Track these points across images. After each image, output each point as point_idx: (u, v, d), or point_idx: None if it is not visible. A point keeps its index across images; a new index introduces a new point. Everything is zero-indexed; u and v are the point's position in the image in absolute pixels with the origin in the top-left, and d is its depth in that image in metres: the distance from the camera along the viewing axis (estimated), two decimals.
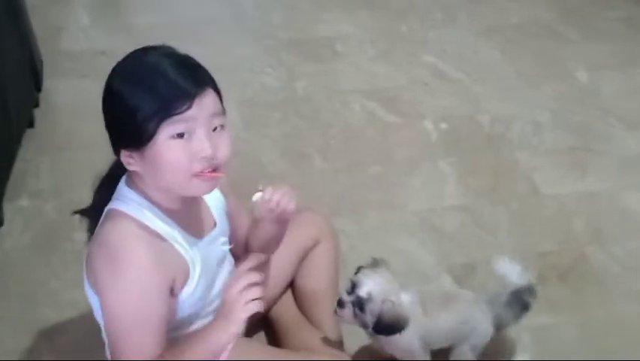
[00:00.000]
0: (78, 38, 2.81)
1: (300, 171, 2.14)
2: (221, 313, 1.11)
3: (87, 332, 1.57)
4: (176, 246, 1.14)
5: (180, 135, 1.04)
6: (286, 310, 1.59)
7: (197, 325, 1.24)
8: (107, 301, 1.10)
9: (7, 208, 1.91)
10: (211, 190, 1.14)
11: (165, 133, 1.03)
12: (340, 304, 1.36)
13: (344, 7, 3.13)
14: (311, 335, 1.51)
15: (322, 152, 2.23)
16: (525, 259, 1.86)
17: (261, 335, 1.62)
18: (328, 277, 1.59)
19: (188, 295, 1.18)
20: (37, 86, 2.21)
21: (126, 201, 1.12)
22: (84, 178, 1.25)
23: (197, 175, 1.07)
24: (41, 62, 2.30)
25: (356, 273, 1.38)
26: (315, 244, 1.59)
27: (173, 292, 1.15)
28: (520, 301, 1.51)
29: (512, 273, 1.50)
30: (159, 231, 1.12)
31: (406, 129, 2.36)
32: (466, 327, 1.48)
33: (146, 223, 1.11)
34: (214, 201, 1.27)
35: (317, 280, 1.58)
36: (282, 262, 1.54)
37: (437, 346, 1.52)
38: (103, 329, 1.21)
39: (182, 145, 1.04)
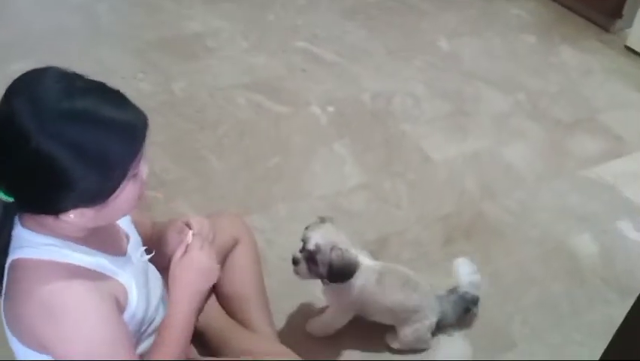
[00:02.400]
0: None
1: (198, 175, 2.08)
2: (185, 282, 1.15)
3: None
4: (106, 273, 1.06)
5: (135, 174, 0.99)
6: (215, 318, 1.53)
7: (141, 348, 1.17)
8: (67, 350, 0.99)
9: None
10: None
11: (129, 176, 0.97)
12: (295, 262, 1.46)
13: (206, 1, 3.06)
14: (247, 336, 1.47)
15: (216, 151, 2.18)
16: (430, 224, 1.98)
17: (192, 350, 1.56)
18: (253, 277, 1.55)
19: (130, 317, 1.10)
20: None
21: (35, 246, 0.99)
22: None
23: (138, 200, 1.03)
24: None
25: (306, 230, 1.47)
26: (234, 245, 1.55)
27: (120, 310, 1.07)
28: (464, 304, 1.63)
29: (468, 278, 1.63)
30: (84, 265, 1.03)
31: (296, 117, 2.37)
32: (414, 315, 1.56)
33: (68, 262, 1.01)
34: None
35: (242, 282, 1.54)
36: None
37: (374, 318, 1.58)
38: None
39: (136, 180, 1.00)
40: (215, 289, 1.55)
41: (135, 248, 1.19)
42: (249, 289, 1.54)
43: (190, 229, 1.23)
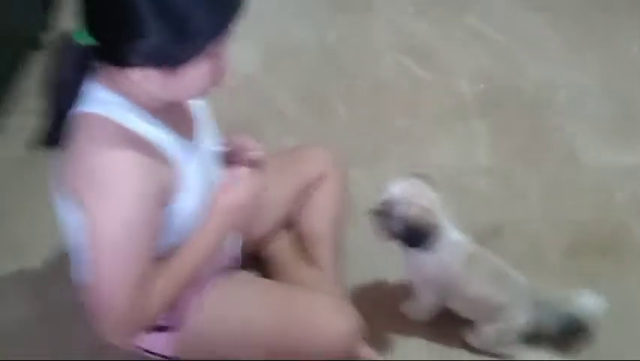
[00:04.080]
0: None
1: (320, 118, 2.01)
2: (219, 210, 1.07)
3: (56, 252, 1.48)
4: (166, 150, 1.00)
5: (215, 54, 0.92)
6: (281, 250, 1.45)
7: None
8: (94, 218, 0.95)
9: (3, 123, 1.82)
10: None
11: (205, 53, 0.90)
12: (372, 214, 1.27)
13: None
14: (308, 272, 1.37)
15: (346, 102, 2.08)
16: (558, 225, 1.70)
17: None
18: (331, 218, 1.44)
19: (182, 203, 1.03)
20: (45, 5, 2.08)
21: (102, 102, 0.95)
22: None
23: (213, 84, 0.98)
24: None
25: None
26: (320, 181, 1.44)
27: (165, 202, 1.01)
28: (571, 323, 1.35)
29: (589, 306, 1.35)
30: (146, 135, 0.97)
31: (440, 86, 2.19)
32: (499, 313, 1.33)
33: (130, 127, 0.96)
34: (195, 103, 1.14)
35: (319, 219, 1.43)
36: (278, 198, 1.41)
37: (453, 305, 1.37)
38: (74, 245, 1.08)
39: (212, 64, 0.93)
40: (289, 222, 1.46)
41: (206, 137, 1.13)
42: (323, 229, 1.43)
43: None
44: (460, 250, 1.30)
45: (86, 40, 0.91)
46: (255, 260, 1.46)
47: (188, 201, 1.04)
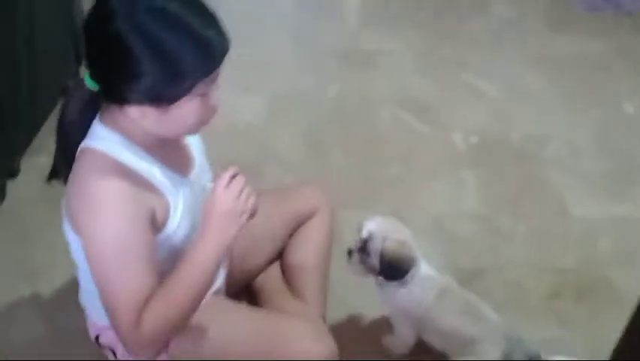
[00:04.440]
0: None
1: (318, 162, 2.11)
2: (209, 221, 1.04)
3: (72, 281, 1.57)
4: (155, 183, 1.09)
5: (204, 94, 1.02)
6: (271, 281, 1.51)
7: None
8: (87, 236, 1.05)
9: (26, 162, 1.96)
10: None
11: (195, 92, 1.00)
12: (349, 253, 1.36)
13: (392, 25, 3.13)
14: (293, 304, 1.42)
15: (343, 147, 2.18)
16: (540, 271, 1.75)
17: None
18: (318, 252, 1.51)
19: (165, 238, 1.12)
20: (78, 57, 2.26)
21: (102, 139, 1.06)
22: None
23: (202, 123, 1.07)
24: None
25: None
26: (310, 217, 1.53)
27: (154, 229, 1.09)
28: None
29: None
30: (137, 168, 1.07)
31: (433, 138, 2.29)
32: (469, 346, 1.36)
33: (123, 161, 1.06)
34: (193, 139, 1.24)
35: (306, 254, 1.50)
36: (271, 231, 1.49)
37: (429, 341, 1.43)
38: (79, 268, 1.19)
39: (203, 102, 1.03)
40: (281, 255, 1.54)
41: (200, 176, 1.23)
42: (310, 263, 1.50)
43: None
44: (432, 284, 1.36)
45: (90, 83, 1.04)
46: (243, 289, 1.52)
47: (176, 233, 1.13)
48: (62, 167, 1.13)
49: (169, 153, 1.15)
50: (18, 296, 1.56)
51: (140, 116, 1.02)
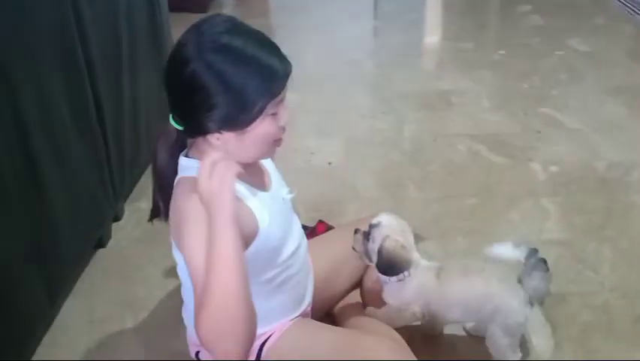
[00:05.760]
0: None
1: (394, 198, 2.16)
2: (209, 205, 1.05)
3: (168, 310, 1.70)
4: (242, 198, 1.18)
5: (275, 113, 1.14)
6: (350, 307, 1.57)
7: (268, 288, 1.27)
8: (185, 254, 1.11)
9: (128, 207, 2.15)
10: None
11: (266, 112, 1.12)
12: (356, 231, 1.44)
13: (463, 67, 3.20)
14: (371, 324, 1.46)
15: (419, 183, 2.23)
16: (628, 296, 1.70)
17: None
18: None
19: (262, 244, 1.20)
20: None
21: (192, 168, 1.17)
22: None
23: (275, 142, 1.18)
24: None
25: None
26: None
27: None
28: (536, 265, 1.41)
29: (508, 250, 1.44)
30: None
31: (511, 169, 2.29)
32: (488, 304, 1.38)
33: None
34: (266, 162, 1.35)
35: None
36: (349, 259, 1.55)
37: (452, 319, 1.47)
38: (183, 285, 1.30)
39: (274, 121, 1.14)
40: (360, 282, 1.60)
41: (278, 190, 1.33)
42: None
43: None
44: (429, 270, 1.40)
45: (176, 124, 1.17)
46: (324, 315, 1.58)
47: (269, 239, 1.21)
48: (161, 205, 1.27)
49: (250, 173, 1.26)
50: (121, 325, 1.69)
51: (223, 142, 1.14)
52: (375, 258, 1.39)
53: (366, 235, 1.40)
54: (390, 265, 1.38)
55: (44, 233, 1.61)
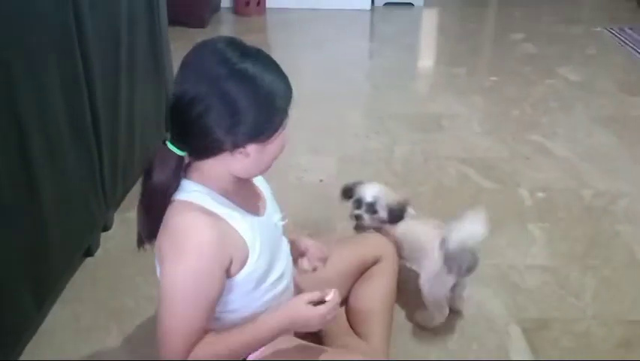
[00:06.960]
0: None
1: None
2: (288, 314, 1.20)
3: (155, 321, 1.70)
4: (235, 225, 1.19)
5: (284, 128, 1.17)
6: (336, 325, 1.58)
7: (256, 305, 1.28)
8: (165, 269, 1.15)
9: (118, 217, 2.16)
10: None
11: (282, 126, 1.16)
12: (358, 218, 1.75)
13: (457, 91, 3.25)
14: (357, 344, 1.48)
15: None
16: (609, 324, 1.73)
17: None
18: (383, 294, 1.58)
19: (248, 273, 1.21)
20: (166, 127, 2.51)
21: (188, 191, 1.17)
22: None
23: (275, 159, 1.20)
24: None
25: (350, 190, 1.81)
26: (375, 262, 1.61)
27: (229, 273, 1.19)
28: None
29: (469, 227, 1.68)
30: (218, 212, 1.18)
31: (499, 194, 2.33)
32: (415, 247, 1.70)
33: (206, 206, 1.17)
34: (260, 182, 1.36)
35: (372, 298, 1.58)
36: (337, 277, 1.56)
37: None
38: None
39: (283, 134, 1.17)
40: (346, 300, 1.62)
41: (272, 215, 1.34)
42: (376, 305, 1.58)
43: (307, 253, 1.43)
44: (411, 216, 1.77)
45: (177, 150, 1.16)
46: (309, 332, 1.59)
47: (256, 268, 1.22)
48: (148, 229, 1.23)
49: (245, 197, 1.27)
50: (107, 333, 1.70)
51: (243, 156, 1.14)
52: (386, 214, 1.72)
53: (371, 211, 1.73)
54: (399, 213, 1.73)
55: (34, 238, 1.62)
